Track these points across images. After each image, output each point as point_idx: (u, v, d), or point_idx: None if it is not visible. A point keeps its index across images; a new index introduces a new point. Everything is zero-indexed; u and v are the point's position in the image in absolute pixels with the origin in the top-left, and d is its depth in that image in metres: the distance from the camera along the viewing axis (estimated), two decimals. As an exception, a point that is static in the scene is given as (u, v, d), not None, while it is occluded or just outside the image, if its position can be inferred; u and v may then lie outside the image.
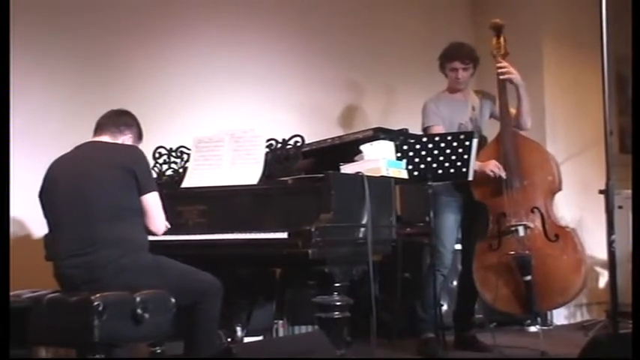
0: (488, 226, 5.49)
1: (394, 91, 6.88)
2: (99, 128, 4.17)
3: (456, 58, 5.43)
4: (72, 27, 5.33)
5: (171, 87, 5.62)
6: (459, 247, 5.65)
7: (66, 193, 3.93)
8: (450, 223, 5.36)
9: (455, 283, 5.90)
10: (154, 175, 4.47)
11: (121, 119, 4.21)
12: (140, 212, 3.94)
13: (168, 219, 4.12)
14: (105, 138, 4.13)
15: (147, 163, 4.06)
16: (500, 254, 5.19)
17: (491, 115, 5.62)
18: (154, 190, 3.97)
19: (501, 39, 5.48)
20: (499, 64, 5.41)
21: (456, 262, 5.73)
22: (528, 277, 5.08)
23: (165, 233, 4.10)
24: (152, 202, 3.95)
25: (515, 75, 5.40)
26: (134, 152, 4.04)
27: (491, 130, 5.63)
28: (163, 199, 4.05)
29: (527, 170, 5.30)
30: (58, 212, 3.97)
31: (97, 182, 3.88)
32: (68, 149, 4.22)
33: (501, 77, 5.38)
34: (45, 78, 5.19)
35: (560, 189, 5.42)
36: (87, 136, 4.26)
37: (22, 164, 4.77)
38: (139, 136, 4.28)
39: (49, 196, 4.02)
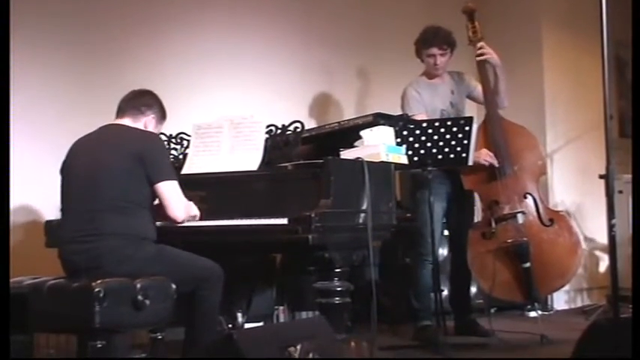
0: (473, 213, 5.50)
1: (392, 77, 6.86)
2: (120, 111, 4.13)
3: (433, 44, 5.36)
4: (71, 13, 5.32)
5: (170, 73, 5.60)
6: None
7: (78, 177, 3.93)
8: (436, 211, 5.31)
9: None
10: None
11: (141, 100, 4.16)
12: (148, 203, 3.92)
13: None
14: (126, 121, 4.10)
15: (160, 152, 4.02)
16: (498, 242, 5.17)
17: (468, 96, 5.59)
18: (168, 179, 3.90)
19: (476, 23, 5.42)
20: (478, 47, 5.37)
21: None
22: (527, 264, 5.08)
23: (164, 220, 4.10)
24: (166, 190, 3.89)
25: (492, 55, 5.37)
26: (147, 140, 3.99)
27: (469, 112, 5.59)
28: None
29: (517, 156, 5.28)
30: (69, 194, 3.98)
31: (107, 170, 3.86)
32: (67, 135, 4.22)
33: (479, 59, 5.36)
34: (44, 65, 5.18)
35: (546, 171, 5.41)
36: (86, 122, 4.25)
37: (22, 150, 4.78)
38: (162, 116, 4.24)
39: (65, 175, 4.04)
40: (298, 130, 4.49)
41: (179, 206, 3.94)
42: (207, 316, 3.98)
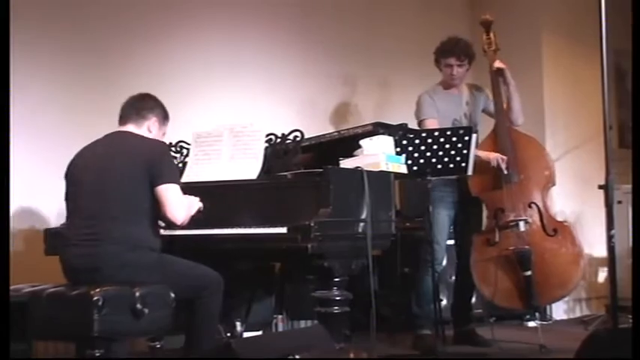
0: (482, 221, 5.51)
1: (393, 85, 6.87)
2: (122, 117, 4.14)
3: (451, 55, 5.38)
4: (71, 19, 5.33)
5: (170, 81, 5.60)
6: (451, 242, 5.67)
7: (86, 184, 3.93)
8: (442, 219, 5.33)
9: (453, 278, 5.88)
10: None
11: (142, 104, 4.16)
12: (151, 213, 3.91)
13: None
14: (130, 127, 4.10)
15: (165, 158, 4.03)
16: (500, 249, 5.19)
17: (484, 110, 5.61)
18: (171, 182, 3.91)
19: (491, 34, 5.50)
20: (494, 60, 5.42)
21: (454, 256, 5.74)
22: (528, 272, 5.08)
23: (165, 228, 4.10)
24: (167, 192, 3.88)
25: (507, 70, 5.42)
26: (154, 148, 4.00)
27: (483, 125, 5.61)
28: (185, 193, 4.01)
29: (524, 165, 5.30)
30: (74, 199, 3.98)
31: (113, 177, 3.88)
32: (67, 142, 4.22)
33: (494, 69, 5.38)
34: (44, 70, 5.19)
35: (554, 183, 5.43)
36: (86, 127, 4.27)
37: (22, 157, 4.78)
38: (165, 116, 4.24)
39: (70, 180, 4.03)
40: (298, 138, 4.49)
41: (178, 208, 3.92)
42: (207, 323, 3.98)
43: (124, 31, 5.55)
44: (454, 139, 4.89)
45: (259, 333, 4.89)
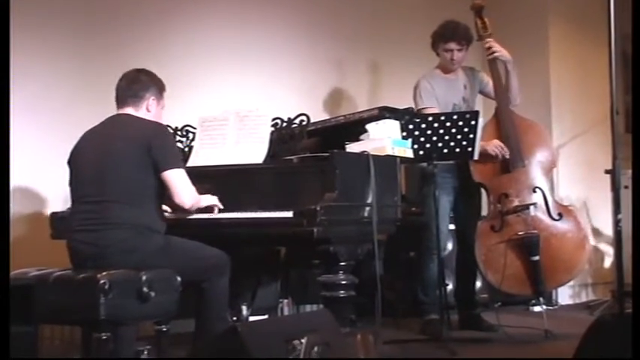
0: (480, 207, 5.50)
1: (403, 70, 6.85)
2: (120, 101, 4.11)
3: (451, 39, 5.34)
4: (73, 6, 5.32)
5: (176, 66, 5.59)
6: (451, 227, 5.68)
7: (87, 168, 3.93)
8: (442, 204, 5.27)
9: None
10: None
11: (136, 85, 4.11)
12: (156, 195, 3.92)
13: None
14: (129, 110, 4.08)
15: (167, 141, 4.02)
16: (507, 235, 5.18)
17: (481, 91, 5.59)
18: (175, 167, 3.91)
19: (485, 19, 5.46)
20: (487, 44, 5.39)
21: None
22: (536, 257, 5.09)
23: (173, 211, 4.11)
24: (173, 177, 3.88)
25: (503, 52, 5.38)
26: (154, 130, 3.98)
27: (479, 107, 5.58)
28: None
29: (528, 149, 5.30)
30: (78, 184, 3.98)
31: (115, 161, 3.87)
32: (71, 126, 4.22)
33: (490, 57, 5.37)
34: (46, 57, 5.19)
35: (555, 166, 5.42)
36: (91, 113, 4.26)
37: (27, 142, 4.78)
38: (161, 89, 4.19)
39: (73, 166, 4.03)
40: (304, 123, 4.49)
41: (185, 192, 3.94)
42: (218, 303, 4.02)
43: (129, 15, 5.54)
44: (461, 123, 4.86)
45: (265, 317, 4.90)
